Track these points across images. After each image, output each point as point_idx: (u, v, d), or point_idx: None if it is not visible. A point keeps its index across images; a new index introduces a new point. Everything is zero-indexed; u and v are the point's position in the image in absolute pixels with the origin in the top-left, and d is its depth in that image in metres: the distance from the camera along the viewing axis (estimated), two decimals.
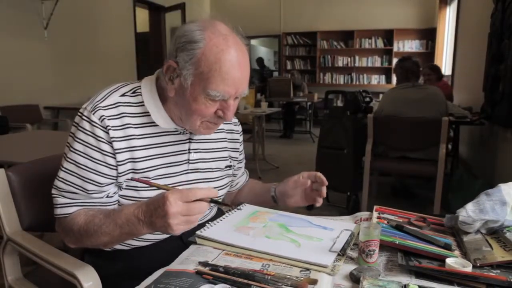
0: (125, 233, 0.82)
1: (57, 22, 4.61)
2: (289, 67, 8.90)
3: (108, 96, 0.91)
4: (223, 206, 0.82)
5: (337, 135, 3.07)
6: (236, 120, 1.18)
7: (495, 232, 0.88)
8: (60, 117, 4.66)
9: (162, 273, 0.73)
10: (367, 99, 5.11)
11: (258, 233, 0.90)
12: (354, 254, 0.82)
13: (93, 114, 0.87)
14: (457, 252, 0.83)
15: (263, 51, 11.10)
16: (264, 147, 4.92)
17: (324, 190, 1.02)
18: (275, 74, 10.01)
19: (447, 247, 0.82)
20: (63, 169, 0.89)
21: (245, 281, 0.69)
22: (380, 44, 8.23)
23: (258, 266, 0.76)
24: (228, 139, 1.12)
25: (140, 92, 0.93)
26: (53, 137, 2.63)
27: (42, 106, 4.50)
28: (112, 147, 0.87)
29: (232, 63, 0.84)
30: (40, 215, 1.09)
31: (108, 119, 0.87)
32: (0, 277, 1.06)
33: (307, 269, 0.75)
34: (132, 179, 0.89)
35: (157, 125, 0.92)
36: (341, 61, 8.59)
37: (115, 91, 0.92)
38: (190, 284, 0.68)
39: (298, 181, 1.05)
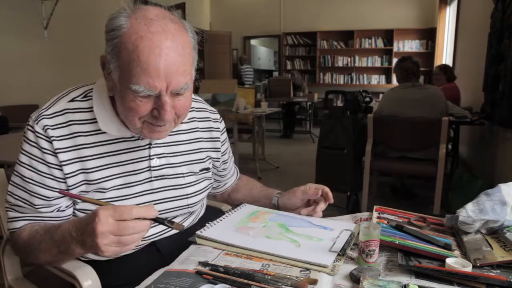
0: (61, 252, 0.74)
1: (57, 22, 4.61)
2: (289, 67, 8.91)
3: (55, 102, 0.84)
4: (169, 227, 0.72)
5: (337, 135, 3.07)
6: (217, 117, 1.07)
7: (495, 232, 0.88)
8: None
9: (162, 273, 0.73)
10: (367, 99, 5.10)
11: (258, 233, 0.90)
12: (354, 254, 0.82)
13: (37, 123, 0.80)
14: (457, 252, 0.83)
15: (263, 51, 11.12)
16: (264, 147, 4.92)
17: (323, 206, 1.02)
18: (275, 74, 10.02)
19: (447, 247, 0.82)
20: (10, 182, 0.84)
21: (245, 281, 0.69)
22: (380, 44, 8.23)
23: (258, 266, 0.76)
24: (205, 138, 1.02)
25: (92, 96, 0.85)
26: None
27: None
28: (57, 158, 0.81)
29: (152, 50, 0.70)
30: None
31: (52, 129, 0.80)
32: (0, 277, 1.06)
33: (307, 269, 0.75)
34: (60, 192, 0.80)
35: None
36: (341, 61, 8.60)
37: (64, 96, 0.85)
38: (190, 284, 0.68)
39: (307, 192, 1.02)
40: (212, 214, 1.09)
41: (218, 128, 1.06)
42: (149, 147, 0.90)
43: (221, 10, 8.94)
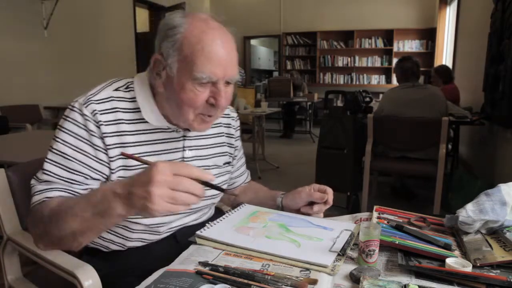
0: (98, 213, 0.72)
1: (57, 22, 4.61)
2: (289, 67, 8.91)
3: (101, 90, 0.88)
4: (221, 191, 0.78)
5: (337, 135, 3.07)
6: (234, 115, 1.15)
7: (495, 232, 0.88)
8: (60, 117, 4.65)
9: (162, 273, 0.73)
10: (367, 99, 5.11)
11: (258, 233, 0.90)
12: (354, 254, 0.82)
13: (86, 107, 0.84)
14: (457, 252, 0.83)
15: (263, 51, 11.11)
16: (264, 147, 4.92)
17: (322, 207, 1.02)
18: (275, 74, 10.02)
19: (447, 247, 0.82)
20: (48, 160, 0.85)
21: (245, 281, 0.69)
22: (380, 44, 8.23)
23: (258, 266, 0.76)
24: (226, 133, 1.10)
25: (133, 88, 0.91)
26: None
27: (42, 106, 4.51)
28: (103, 142, 0.85)
29: (215, 41, 0.81)
30: None
31: (101, 114, 0.85)
32: (0, 277, 1.06)
33: (307, 269, 0.75)
34: (122, 154, 0.85)
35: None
36: (341, 61, 8.60)
37: (109, 85, 0.90)
38: (190, 284, 0.68)
39: (312, 195, 1.02)
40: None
41: (235, 125, 1.14)
42: (183, 139, 0.96)
43: (221, 10, 8.93)
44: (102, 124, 0.85)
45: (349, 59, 8.54)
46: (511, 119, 2.66)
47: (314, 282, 0.70)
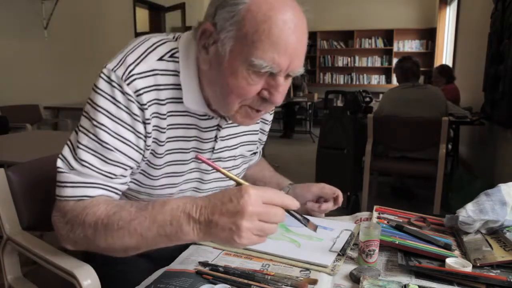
0: (164, 235, 0.62)
1: (57, 22, 4.61)
2: None
3: (143, 58, 0.71)
4: (303, 224, 0.68)
5: (337, 135, 3.07)
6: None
7: (495, 232, 0.88)
8: (60, 117, 4.66)
9: (162, 273, 0.73)
10: (367, 99, 5.11)
11: None
12: (354, 254, 0.82)
13: (127, 84, 0.68)
14: (457, 252, 0.83)
15: None
16: (264, 147, 4.91)
17: (330, 205, 0.99)
18: None
19: (447, 247, 0.82)
20: (83, 147, 0.69)
21: (245, 281, 0.69)
22: (380, 44, 8.24)
23: (258, 266, 0.76)
24: (261, 118, 0.96)
25: (178, 58, 0.73)
26: (53, 137, 2.63)
27: (42, 106, 4.50)
28: (145, 129, 0.71)
29: (286, 24, 0.64)
30: (39, 215, 1.09)
31: (145, 93, 0.69)
32: (0, 277, 1.06)
33: (307, 269, 0.75)
34: (197, 157, 0.71)
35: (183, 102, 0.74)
36: (341, 61, 8.61)
37: (152, 51, 0.72)
38: (190, 284, 0.68)
39: (324, 190, 0.99)
40: None
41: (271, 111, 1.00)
42: (218, 129, 0.82)
43: None
44: (145, 107, 0.70)
45: (349, 59, 8.54)
46: (511, 119, 2.66)
47: (314, 282, 0.70)
